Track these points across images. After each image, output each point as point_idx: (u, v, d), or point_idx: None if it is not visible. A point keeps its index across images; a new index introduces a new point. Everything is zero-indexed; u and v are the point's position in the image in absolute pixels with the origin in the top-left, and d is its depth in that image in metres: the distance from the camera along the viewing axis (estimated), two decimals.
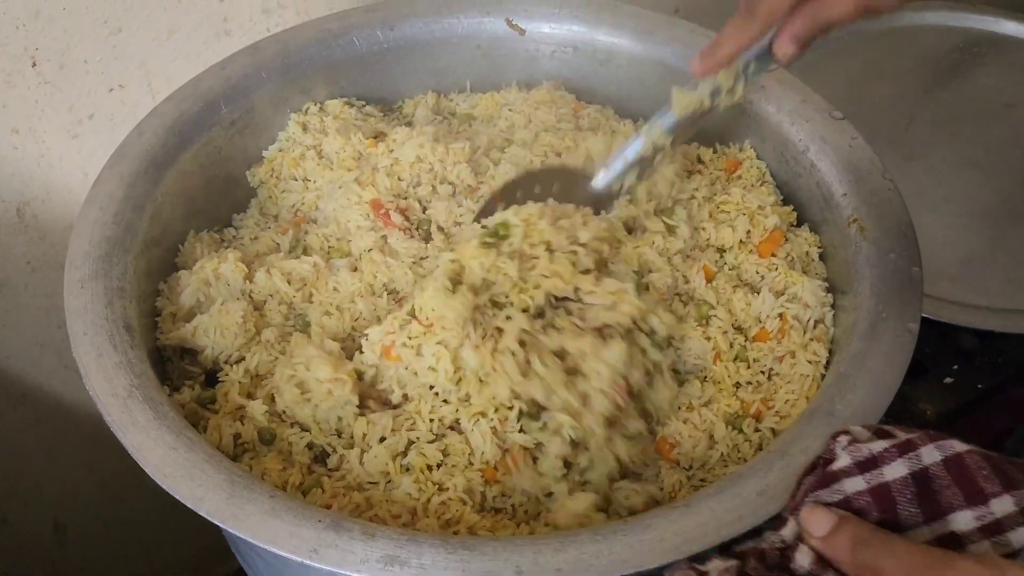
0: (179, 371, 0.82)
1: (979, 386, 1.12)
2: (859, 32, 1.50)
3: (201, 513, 0.63)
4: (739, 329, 0.86)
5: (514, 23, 1.04)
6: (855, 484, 0.59)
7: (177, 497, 0.64)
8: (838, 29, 0.71)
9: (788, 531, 0.59)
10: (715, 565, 0.58)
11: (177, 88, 0.93)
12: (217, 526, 0.85)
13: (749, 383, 0.83)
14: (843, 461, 0.60)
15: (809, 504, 0.59)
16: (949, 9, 1.53)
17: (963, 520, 0.57)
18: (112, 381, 0.70)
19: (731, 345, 0.84)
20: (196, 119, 0.91)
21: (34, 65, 1.04)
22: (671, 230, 0.89)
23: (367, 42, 1.01)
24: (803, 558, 0.57)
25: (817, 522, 0.57)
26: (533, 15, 1.04)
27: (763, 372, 0.84)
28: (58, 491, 1.38)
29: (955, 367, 1.14)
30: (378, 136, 0.98)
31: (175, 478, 0.65)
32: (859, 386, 0.71)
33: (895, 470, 0.58)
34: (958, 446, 0.59)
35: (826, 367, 0.81)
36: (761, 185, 0.95)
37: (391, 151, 0.94)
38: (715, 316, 0.85)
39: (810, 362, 0.81)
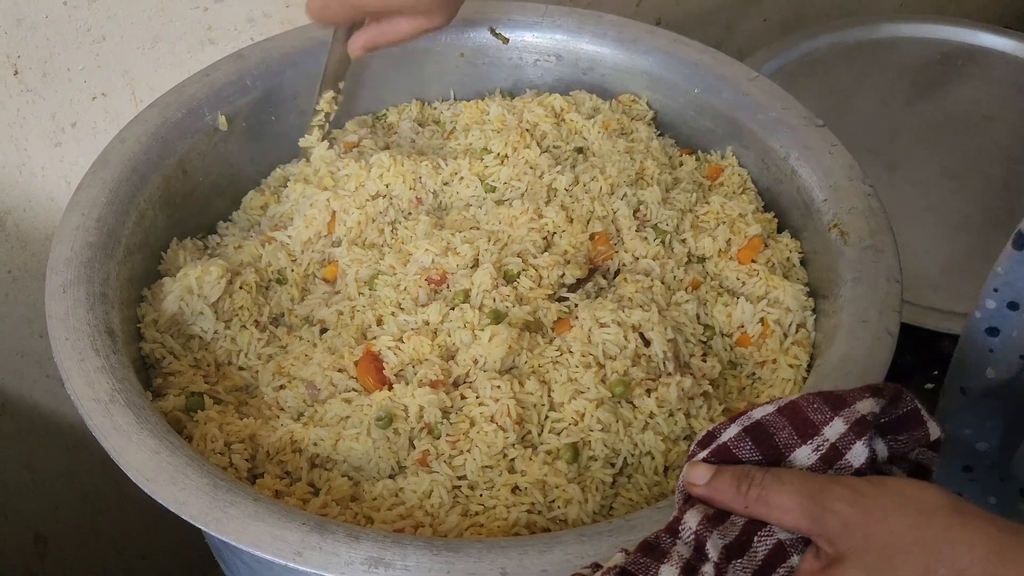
0: (163, 377, 0.82)
1: None
2: (840, 44, 1.52)
3: (184, 517, 0.63)
4: (723, 335, 0.86)
5: (498, 32, 1.05)
6: (699, 457, 0.60)
7: (159, 501, 0.63)
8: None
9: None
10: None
11: (161, 95, 0.93)
12: (199, 538, 0.85)
13: (731, 392, 0.83)
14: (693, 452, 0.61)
15: (689, 463, 0.60)
16: (927, 21, 1.55)
17: (803, 456, 0.58)
18: (94, 386, 0.70)
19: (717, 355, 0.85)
20: (180, 126, 0.91)
21: (16, 73, 1.04)
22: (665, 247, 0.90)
23: None
24: (691, 518, 0.57)
25: (698, 473, 0.58)
26: (516, 24, 1.04)
27: (747, 377, 0.84)
28: (39, 503, 1.37)
29: (935, 372, 1.15)
30: (357, 145, 0.98)
31: (157, 482, 0.64)
32: (840, 388, 0.71)
33: (729, 432, 0.59)
34: (795, 396, 0.60)
35: (808, 371, 0.82)
36: (742, 192, 0.96)
37: (369, 171, 0.93)
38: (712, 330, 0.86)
39: (791, 366, 0.82)
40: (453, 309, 0.82)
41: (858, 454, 0.58)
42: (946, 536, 0.50)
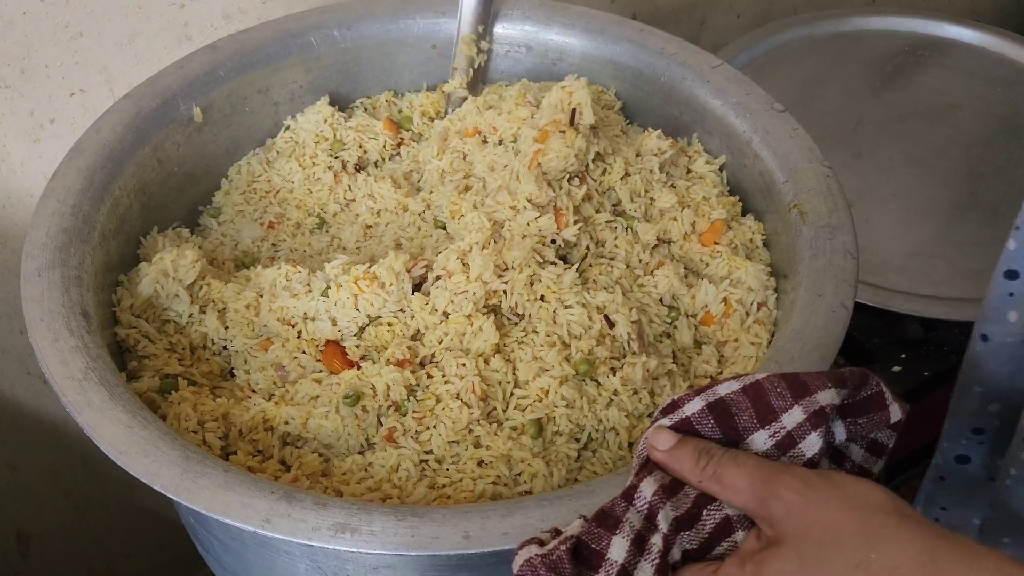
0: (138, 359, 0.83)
1: (925, 373, 1.16)
2: (809, 36, 1.55)
3: (156, 487, 0.64)
4: (687, 315, 0.88)
5: None
6: (663, 423, 0.62)
7: (132, 472, 0.65)
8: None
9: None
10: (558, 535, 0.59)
11: (136, 86, 0.95)
12: (182, 536, 0.86)
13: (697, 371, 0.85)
14: (656, 417, 0.63)
15: (653, 427, 0.62)
16: (894, 14, 1.58)
17: (760, 440, 0.60)
18: (68, 364, 0.71)
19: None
20: (154, 116, 0.92)
21: None
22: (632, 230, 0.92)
23: (324, 42, 1.02)
24: (647, 487, 0.59)
25: (662, 438, 0.61)
26: None
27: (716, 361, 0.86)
28: (21, 501, 1.38)
29: (902, 356, 1.17)
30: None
31: (130, 455, 0.66)
32: (796, 359, 0.74)
33: (693, 405, 0.61)
34: (760, 375, 0.62)
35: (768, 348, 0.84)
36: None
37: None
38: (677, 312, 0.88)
39: (752, 344, 0.84)
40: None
41: (812, 444, 0.59)
42: (882, 533, 0.52)
